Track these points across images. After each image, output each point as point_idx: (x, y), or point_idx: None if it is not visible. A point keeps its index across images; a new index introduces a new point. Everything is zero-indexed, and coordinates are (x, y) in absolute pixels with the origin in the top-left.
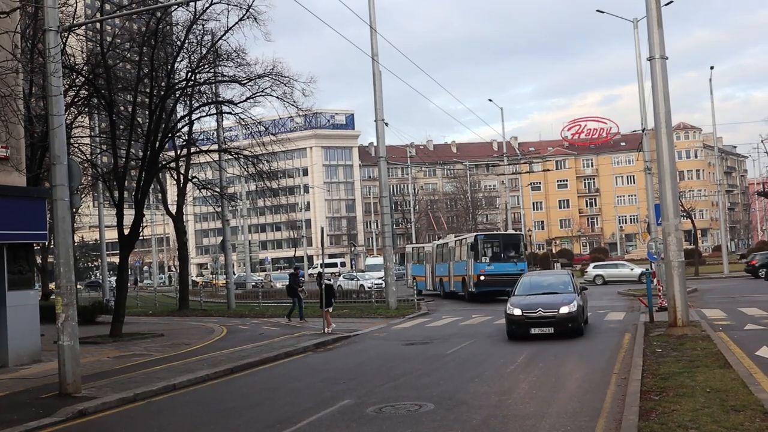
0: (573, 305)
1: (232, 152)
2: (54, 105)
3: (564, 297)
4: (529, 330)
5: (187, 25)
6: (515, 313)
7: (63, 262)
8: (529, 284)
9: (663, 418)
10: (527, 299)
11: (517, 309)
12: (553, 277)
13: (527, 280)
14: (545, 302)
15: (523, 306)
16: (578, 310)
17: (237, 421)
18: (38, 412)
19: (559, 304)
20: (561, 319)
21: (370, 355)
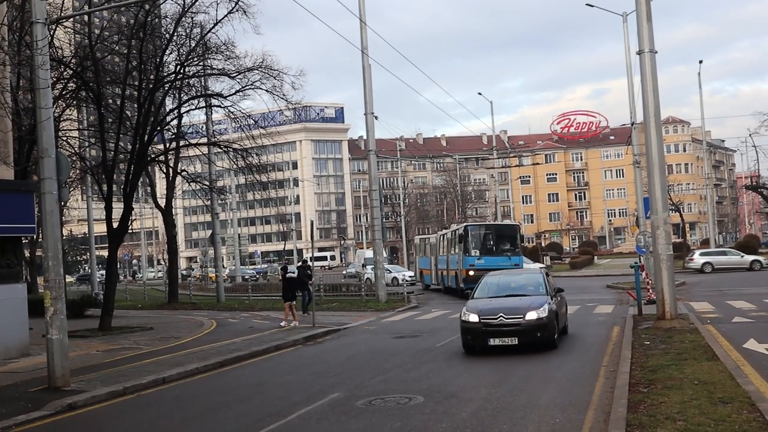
0: (543, 310)
1: (221, 145)
2: (42, 98)
3: (533, 300)
4: (488, 341)
5: (176, 18)
6: (471, 319)
7: (51, 255)
8: (493, 285)
9: (651, 410)
10: (488, 303)
11: (474, 314)
12: (523, 277)
13: (491, 279)
14: (509, 306)
15: (481, 311)
16: (550, 316)
17: (227, 415)
18: (27, 405)
19: (525, 308)
20: (527, 328)
21: (360, 349)
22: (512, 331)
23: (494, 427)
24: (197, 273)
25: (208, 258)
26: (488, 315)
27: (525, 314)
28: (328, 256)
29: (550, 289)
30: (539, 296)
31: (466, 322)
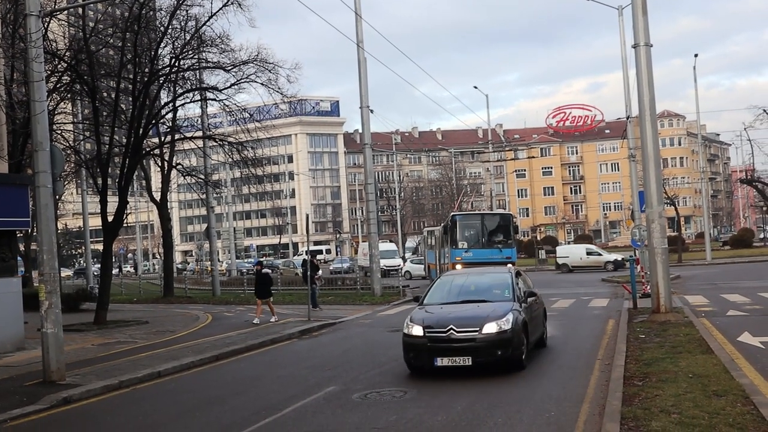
0: (506, 320)
1: (216, 139)
2: (36, 91)
3: (495, 308)
4: (434, 361)
5: (170, 11)
6: (414, 332)
7: (46, 249)
8: (449, 287)
9: (646, 403)
10: (438, 311)
11: (417, 326)
12: (487, 278)
13: (447, 280)
14: (463, 316)
15: (427, 322)
16: (516, 328)
17: (222, 408)
18: (22, 399)
19: (483, 319)
20: (485, 344)
21: (355, 342)
22: (465, 348)
23: (489, 420)
24: (196, 267)
25: (204, 252)
26: (436, 327)
27: (482, 326)
28: (324, 250)
29: (519, 293)
30: (504, 302)
31: (408, 336)
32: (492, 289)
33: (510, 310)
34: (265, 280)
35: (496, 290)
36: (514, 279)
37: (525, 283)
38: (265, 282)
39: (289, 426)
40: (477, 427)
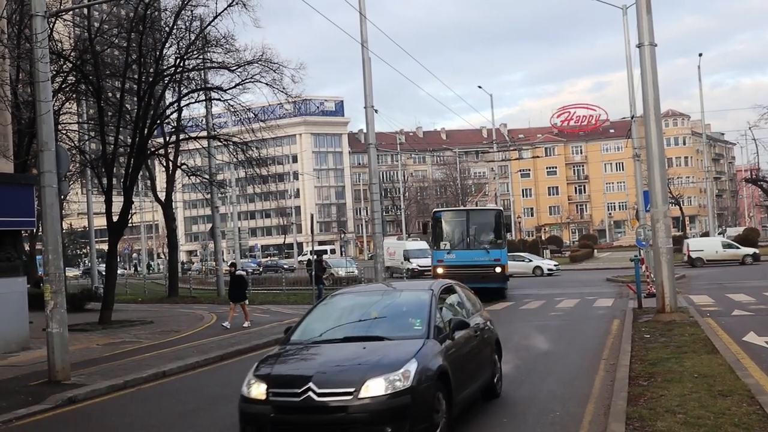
0: (403, 374)
1: (221, 139)
2: (41, 91)
3: (390, 350)
4: None
5: (175, 11)
6: (252, 394)
7: (52, 249)
8: (336, 314)
9: (651, 403)
10: (300, 356)
11: (261, 384)
12: (395, 299)
13: (335, 302)
14: (334, 365)
15: (276, 375)
16: (421, 386)
17: (227, 408)
18: (27, 399)
19: (365, 371)
20: (363, 416)
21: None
22: (329, 425)
23: (493, 420)
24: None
25: (209, 251)
26: (285, 386)
27: (361, 384)
28: (328, 250)
29: (440, 324)
30: (410, 340)
31: (246, 398)
32: (398, 318)
33: (415, 355)
34: (240, 282)
35: (402, 320)
36: (433, 302)
37: (462, 306)
38: (239, 285)
39: None
40: (480, 426)
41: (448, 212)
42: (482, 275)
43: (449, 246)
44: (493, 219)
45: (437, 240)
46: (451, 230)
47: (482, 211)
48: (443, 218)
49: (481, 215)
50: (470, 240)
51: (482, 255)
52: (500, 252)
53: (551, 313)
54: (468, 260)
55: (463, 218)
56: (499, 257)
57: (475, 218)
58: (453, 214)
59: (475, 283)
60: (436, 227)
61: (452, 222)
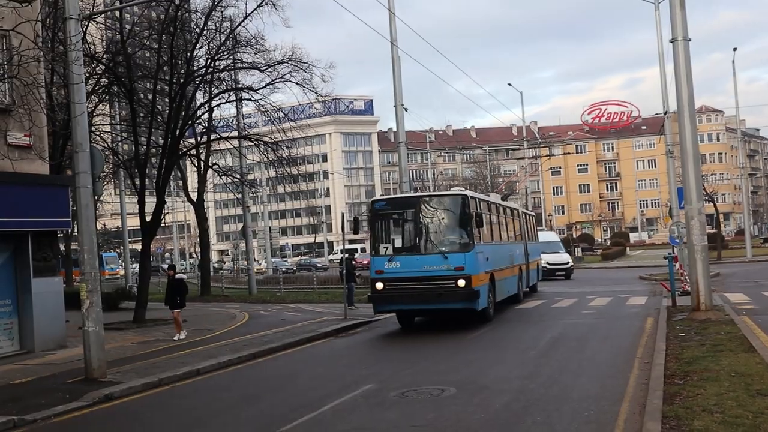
0: None
1: (252, 139)
2: (75, 93)
3: None
4: None
5: (205, 12)
6: None
7: (87, 249)
8: None
9: (687, 402)
10: None
11: None
12: None
13: None
14: None
15: None
16: None
17: (260, 406)
18: (65, 396)
19: None
20: None
21: (391, 340)
22: None
23: (528, 418)
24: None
25: (240, 251)
26: None
27: None
28: (359, 248)
29: None
30: None
31: None
32: None
33: None
34: (179, 288)
35: None
36: None
37: None
38: (179, 290)
39: (327, 423)
40: (515, 425)
41: (391, 201)
42: (438, 292)
43: (392, 250)
44: (455, 209)
45: (375, 242)
46: (395, 227)
47: (439, 199)
48: (384, 210)
49: (438, 204)
50: (422, 240)
51: (437, 262)
52: (465, 257)
53: (583, 312)
54: (417, 270)
55: (411, 209)
56: (463, 264)
57: (429, 208)
58: (397, 203)
59: (427, 304)
60: (375, 224)
61: (396, 215)
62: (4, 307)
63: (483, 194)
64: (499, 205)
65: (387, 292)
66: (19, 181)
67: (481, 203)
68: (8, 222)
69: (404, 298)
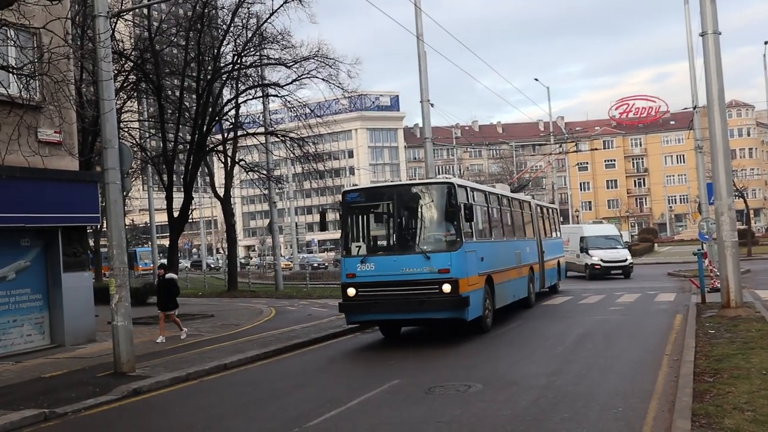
0: None
1: (278, 135)
2: (104, 90)
3: None
4: None
5: (232, 9)
6: None
7: (116, 244)
8: None
9: (718, 400)
10: None
11: None
12: None
13: None
14: None
15: None
16: None
17: (287, 400)
18: (95, 390)
19: None
20: None
21: (417, 336)
22: None
23: (555, 415)
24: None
25: (267, 246)
26: None
27: None
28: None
29: None
30: None
31: None
32: None
33: None
34: (170, 288)
35: None
36: None
37: None
38: (170, 291)
39: (354, 419)
40: (542, 422)
41: (365, 192)
42: (419, 299)
43: (365, 249)
44: (439, 199)
45: (346, 240)
46: (369, 222)
47: (421, 188)
48: (357, 202)
49: (420, 194)
50: (400, 238)
51: (418, 263)
52: (451, 257)
53: (611, 308)
54: (394, 273)
55: (388, 201)
56: (448, 266)
57: (408, 199)
58: (372, 194)
59: (407, 313)
60: (347, 218)
61: (371, 208)
62: (35, 301)
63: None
64: (503, 197)
65: (360, 299)
66: (49, 177)
67: (474, 193)
68: (39, 217)
69: (379, 307)
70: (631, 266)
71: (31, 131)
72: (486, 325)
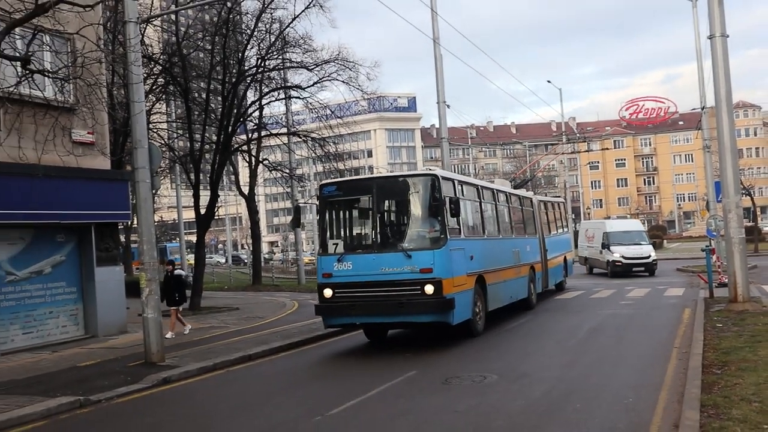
0: None
1: (300, 135)
2: (135, 92)
3: None
4: None
5: (256, 14)
6: None
7: (146, 240)
8: None
9: (726, 391)
10: None
11: None
12: None
13: None
14: None
15: None
16: None
17: (309, 390)
18: (126, 378)
19: None
20: None
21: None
22: None
23: (567, 406)
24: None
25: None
26: None
27: None
28: None
29: None
30: None
31: None
32: None
33: None
34: (180, 284)
35: None
36: None
37: None
38: (179, 287)
39: (373, 408)
40: (555, 412)
41: (343, 185)
42: (399, 301)
43: (342, 247)
44: (422, 193)
45: (324, 237)
46: (347, 218)
47: (403, 180)
48: (334, 196)
49: (402, 187)
50: (379, 235)
51: (398, 262)
52: (434, 255)
53: (621, 302)
54: (373, 273)
55: (367, 194)
56: (431, 265)
57: (389, 193)
58: (350, 187)
59: (386, 316)
60: (324, 214)
61: (349, 203)
62: (70, 294)
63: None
64: (500, 192)
65: (336, 301)
66: (82, 176)
67: (463, 187)
68: (73, 214)
69: (357, 310)
70: (655, 263)
71: (65, 132)
72: (476, 328)
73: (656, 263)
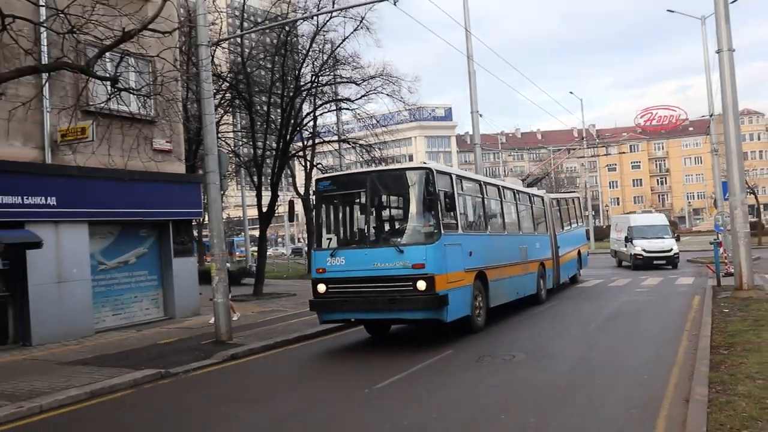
0: None
1: (349, 142)
2: (206, 106)
3: None
4: None
5: (311, 36)
6: None
7: (216, 234)
8: None
9: (732, 369)
10: None
11: None
12: None
13: None
14: None
15: None
16: None
17: (356, 366)
18: (200, 355)
19: None
20: None
21: None
22: None
23: (589, 381)
24: None
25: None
26: None
27: None
28: None
29: None
30: None
31: None
32: None
33: None
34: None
35: None
36: None
37: None
38: None
39: (415, 382)
40: (578, 386)
41: (338, 180)
42: (390, 297)
43: (335, 241)
44: (416, 186)
45: (318, 232)
46: (342, 212)
47: (398, 174)
48: (329, 191)
49: (395, 181)
50: (372, 229)
51: (390, 257)
52: (427, 250)
53: (637, 290)
54: (365, 268)
55: (361, 188)
56: (423, 260)
57: (383, 187)
58: (345, 181)
59: (378, 312)
60: (319, 209)
61: (344, 197)
62: (151, 281)
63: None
64: (506, 189)
65: (330, 296)
66: (161, 179)
67: (461, 181)
68: (154, 212)
69: (350, 305)
70: (677, 256)
71: (147, 141)
72: (476, 325)
73: (678, 256)
